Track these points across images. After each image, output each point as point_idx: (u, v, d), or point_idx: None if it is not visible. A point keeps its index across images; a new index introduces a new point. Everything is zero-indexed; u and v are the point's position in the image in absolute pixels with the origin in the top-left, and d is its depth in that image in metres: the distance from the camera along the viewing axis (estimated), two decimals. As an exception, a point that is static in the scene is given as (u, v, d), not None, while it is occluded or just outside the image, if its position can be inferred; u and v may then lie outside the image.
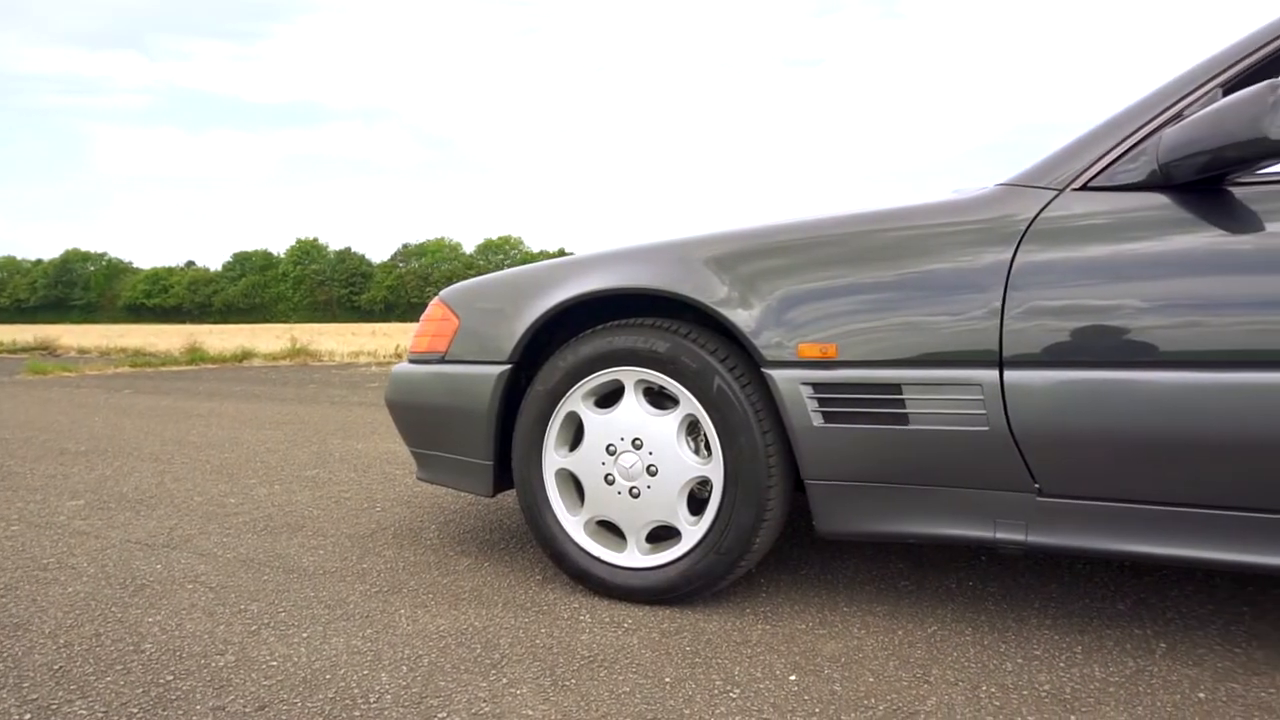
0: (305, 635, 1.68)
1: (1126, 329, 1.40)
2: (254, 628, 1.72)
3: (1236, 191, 1.40)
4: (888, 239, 1.59)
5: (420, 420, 2.13)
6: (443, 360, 2.06)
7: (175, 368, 10.64)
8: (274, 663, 1.55)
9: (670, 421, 1.76)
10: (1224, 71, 1.47)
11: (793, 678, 1.48)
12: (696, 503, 1.80)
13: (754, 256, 1.70)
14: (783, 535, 2.36)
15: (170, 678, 1.50)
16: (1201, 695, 1.40)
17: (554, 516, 1.90)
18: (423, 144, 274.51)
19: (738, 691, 1.42)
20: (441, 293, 2.21)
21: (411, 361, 2.18)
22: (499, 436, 1.97)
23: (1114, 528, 1.48)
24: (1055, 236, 1.47)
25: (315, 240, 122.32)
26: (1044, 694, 1.41)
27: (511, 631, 1.69)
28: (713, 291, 1.70)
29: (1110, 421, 1.41)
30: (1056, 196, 1.50)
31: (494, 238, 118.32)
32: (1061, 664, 1.52)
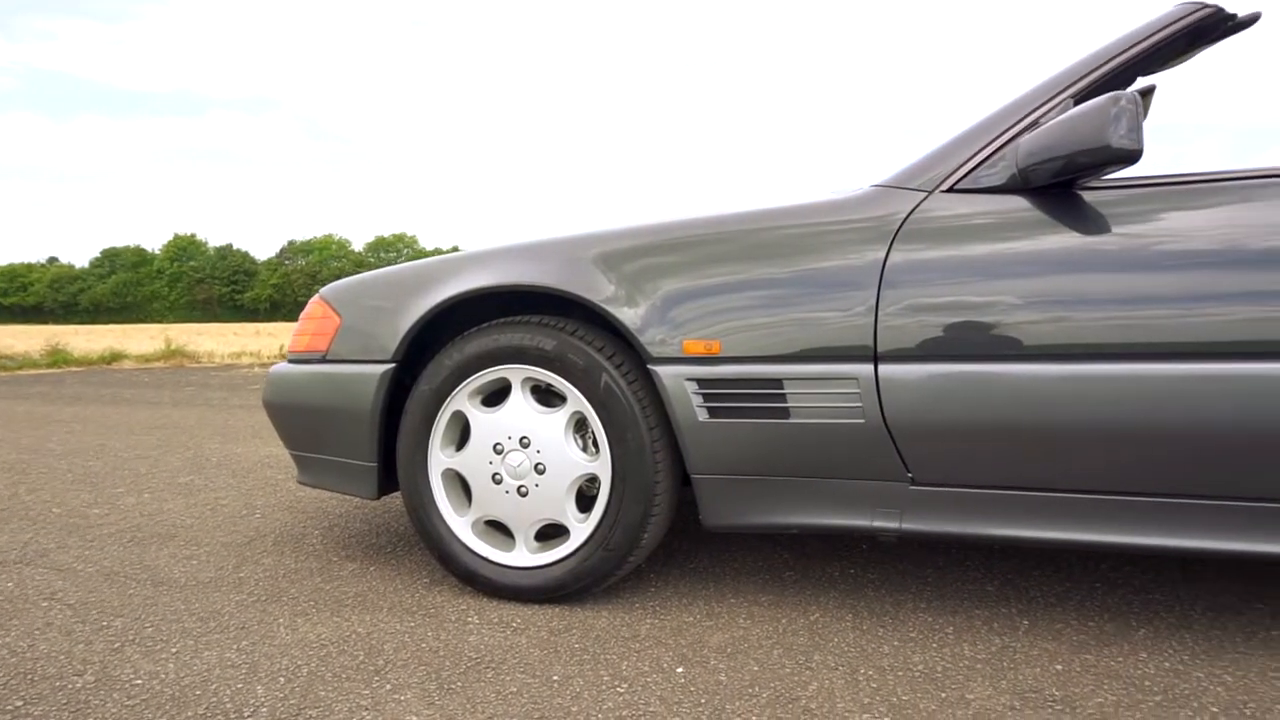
0: (174, 650, 1.60)
1: (991, 324, 1.47)
2: (117, 645, 1.62)
3: (1086, 195, 1.50)
4: (769, 238, 1.63)
5: (300, 422, 2.05)
6: (323, 360, 2.00)
7: (34, 370, 9.93)
8: (138, 681, 1.47)
9: (558, 419, 1.75)
10: (1075, 83, 1.57)
11: (680, 670, 1.49)
12: (585, 500, 1.80)
13: (641, 254, 1.71)
14: (673, 530, 2.39)
15: (20, 702, 1.40)
16: (1059, 667, 1.49)
17: (441, 517, 1.87)
18: (311, 137, 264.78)
19: (625, 686, 1.43)
20: (322, 290, 2.13)
21: (290, 361, 2.11)
22: (383, 437, 1.92)
23: (982, 513, 1.56)
24: (925, 236, 1.53)
25: (194, 236, 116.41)
26: (918, 673, 1.47)
27: (396, 636, 1.65)
28: (600, 289, 1.71)
29: (977, 412, 1.48)
30: (926, 198, 1.57)
31: (386, 235, 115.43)
32: (935, 644, 1.59)
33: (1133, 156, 1.36)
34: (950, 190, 1.56)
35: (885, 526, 1.60)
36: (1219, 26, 1.60)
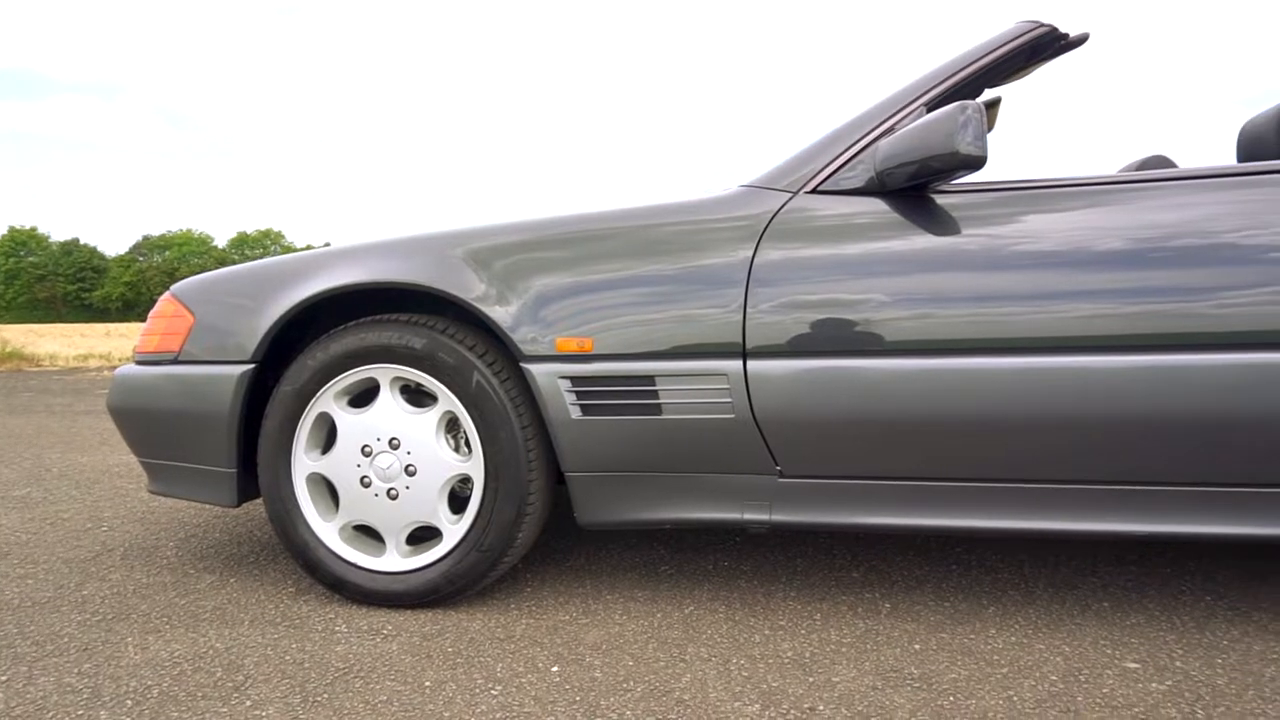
0: (4, 679, 1.47)
1: (854, 320, 1.53)
2: (-63, 675, 1.48)
3: (939, 198, 1.58)
4: (640, 236, 1.65)
5: (150, 427, 1.93)
6: (175, 361, 1.88)
7: None
8: (-38, 712, 1.35)
9: (429, 419, 1.72)
10: (928, 92, 1.65)
11: (555, 669, 1.49)
12: (458, 501, 1.77)
13: (513, 252, 1.69)
14: (550, 528, 2.38)
15: None
16: (917, 646, 1.56)
17: (306, 524, 1.79)
18: (169, 125, 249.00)
19: (499, 688, 1.41)
20: (173, 287, 2.01)
21: (139, 363, 1.98)
22: (242, 441, 1.82)
23: (848, 503, 1.62)
24: (791, 235, 1.58)
25: (34, 230, 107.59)
26: (787, 660, 1.52)
27: (258, 650, 1.58)
28: (472, 287, 1.68)
29: (841, 406, 1.54)
30: (791, 198, 1.62)
31: (251, 231, 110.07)
32: (803, 631, 1.64)
33: (978, 163, 1.44)
34: (814, 191, 1.62)
35: (756, 519, 1.64)
36: (1053, 44, 1.72)
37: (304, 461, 1.78)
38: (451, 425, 1.75)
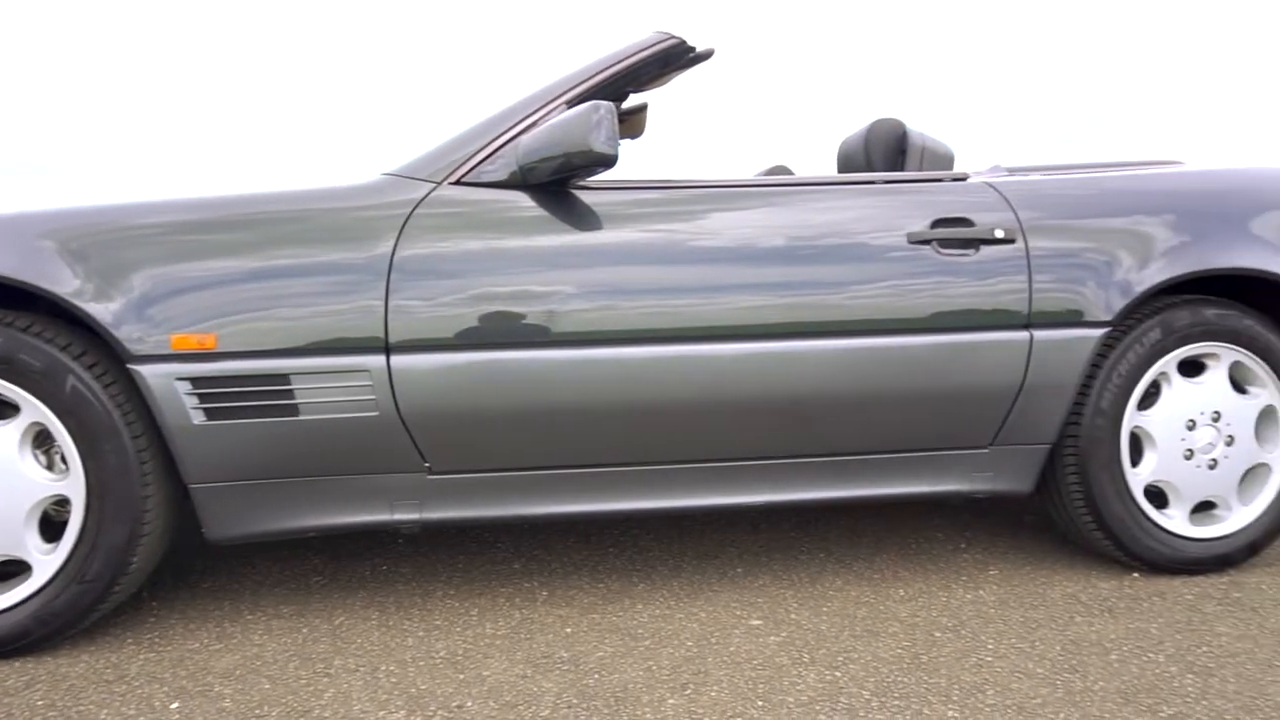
0: None
1: (498, 313, 1.54)
2: None
3: (580, 194, 1.64)
4: (272, 222, 1.52)
5: None
6: None
7: None
8: None
9: (8, 434, 1.45)
10: (569, 90, 1.70)
11: (175, 705, 1.33)
12: (55, 527, 1.52)
13: (119, 238, 1.48)
14: (183, 547, 2.13)
15: None
16: (569, 630, 1.61)
17: None
18: None
19: (100, 737, 1.24)
20: None
21: None
22: None
23: (501, 495, 1.63)
24: (433, 227, 1.55)
25: None
26: (439, 660, 1.49)
27: None
28: (64, 278, 1.45)
29: (487, 399, 1.54)
30: (434, 189, 1.59)
31: None
32: (459, 628, 1.62)
33: (610, 160, 1.51)
34: (457, 183, 1.60)
35: (406, 518, 1.60)
36: (683, 56, 1.85)
37: None
38: (42, 439, 1.50)
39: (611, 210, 1.62)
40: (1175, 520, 1.79)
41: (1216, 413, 1.77)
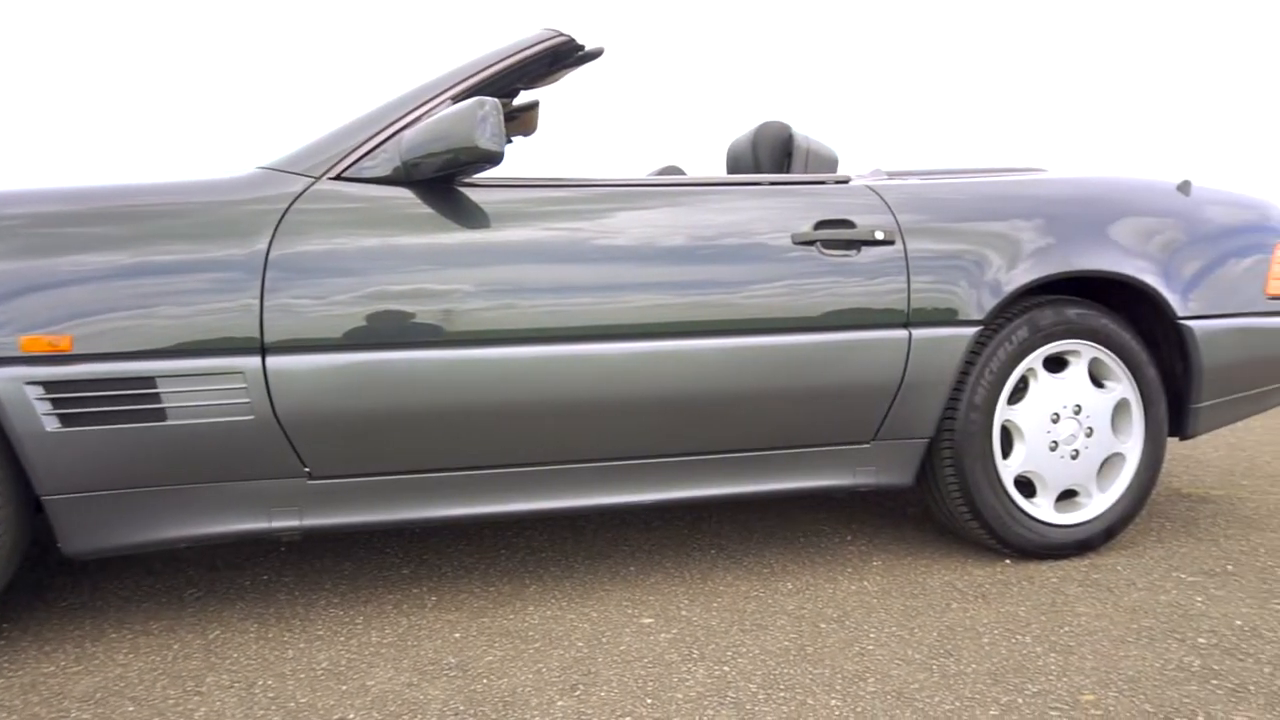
0: None
1: (380, 313, 1.49)
2: None
3: (467, 191, 1.61)
4: (135, 217, 1.44)
5: None
6: None
7: None
8: None
9: None
10: (455, 86, 1.67)
11: (25, 733, 1.24)
12: (-112, 546, 1.40)
13: (-40, 231, 1.37)
14: (39, 563, 2.00)
15: None
16: (458, 635, 1.58)
17: None
18: None
19: (-62, 772, 1.14)
20: None
21: None
22: None
23: (385, 499, 1.58)
24: (311, 224, 1.49)
25: None
26: (321, 671, 1.44)
27: None
28: (-104, 273, 1.33)
29: (369, 400, 1.49)
30: (313, 184, 1.53)
31: None
32: (342, 638, 1.57)
33: (496, 158, 1.48)
34: (338, 178, 1.55)
35: (286, 526, 1.53)
36: (572, 54, 1.84)
37: None
38: None
39: (498, 208, 1.60)
40: (1042, 508, 1.89)
41: (1078, 406, 1.88)
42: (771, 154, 2.12)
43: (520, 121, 2.30)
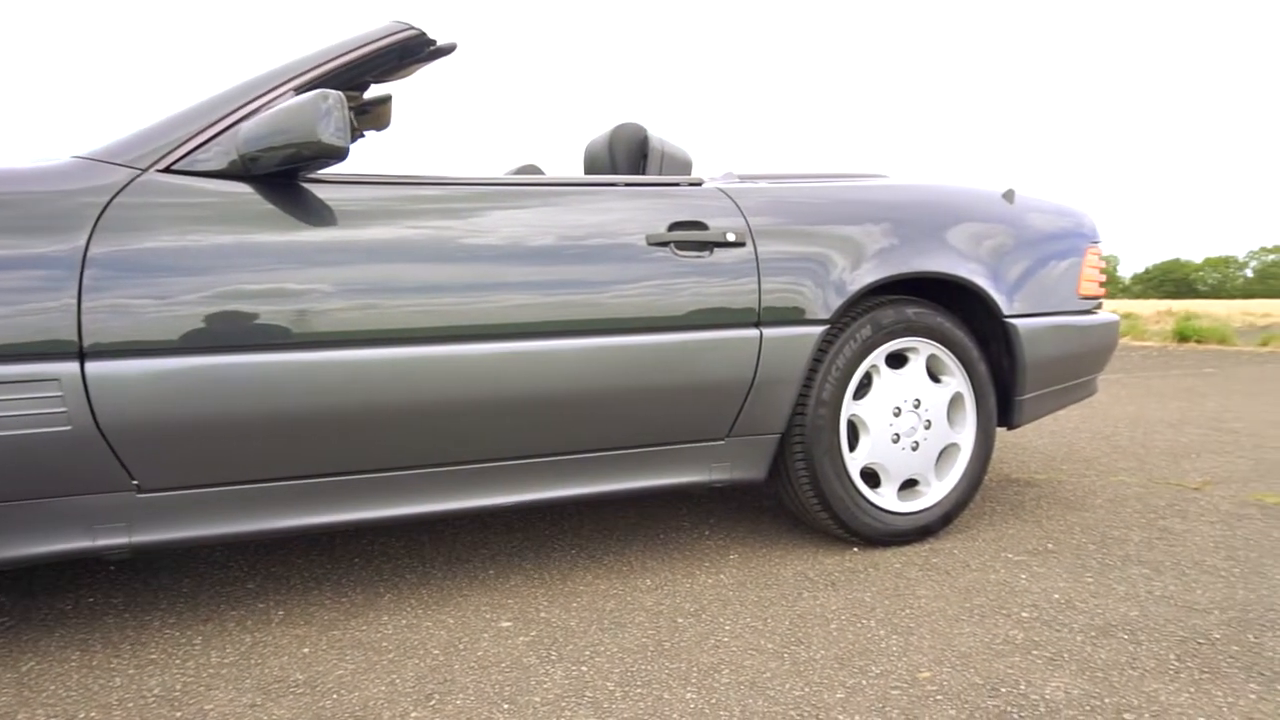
0: None
1: (217, 315, 1.41)
2: None
3: (310, 187, 1.54)
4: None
5: None
6: None
7: None
8: None
9: None
10: (297, 77, 1.59)
11: None
12: None
13: None
14: None
15: None
16: (306, 650, 1.51)
17: None
18: None
19: None
20: None
21: None
22: None
23: (222, 512, 1.50)
24: (136, 219, 1.39)
25: None
26: (152, 699, 1.34)
27: None
28: None
29: (204, 407, 1.41)
30: (138, 177, 1.43)
31: None
32: (178, 660, 1.47)
33: (340, 153, 1.43)
34: (167, 170, 1.45)
35: (111, 544, 1.43)
36: (423, 49, 1.80)
37: None
38: None
39: (344, 206, 1.54)
40: (886, 498, 1.99)
41: (917, 400, 1.99)
42: (628, 155, 2.14)
43: (372, 116, 2.22)
